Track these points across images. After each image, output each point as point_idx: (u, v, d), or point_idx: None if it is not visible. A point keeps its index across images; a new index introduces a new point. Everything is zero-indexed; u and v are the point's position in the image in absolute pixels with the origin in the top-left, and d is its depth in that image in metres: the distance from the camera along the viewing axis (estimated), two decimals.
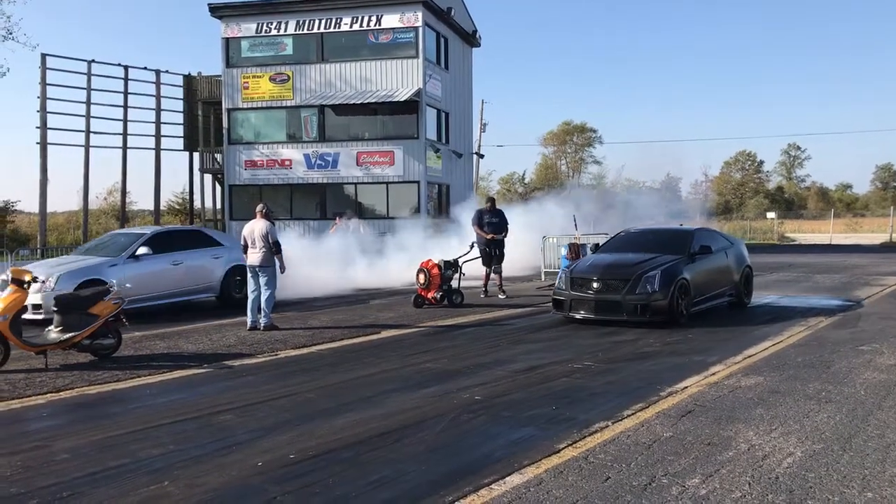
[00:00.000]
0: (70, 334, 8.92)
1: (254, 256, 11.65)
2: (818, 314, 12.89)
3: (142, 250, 11.92)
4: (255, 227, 11.66)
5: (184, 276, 13.58)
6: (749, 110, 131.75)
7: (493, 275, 15.96)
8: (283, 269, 11.78)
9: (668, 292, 11.49)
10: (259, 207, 11.99)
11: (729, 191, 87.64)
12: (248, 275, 11.84)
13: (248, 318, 11.80)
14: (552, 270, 19.73)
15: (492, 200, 16.62)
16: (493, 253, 15.82)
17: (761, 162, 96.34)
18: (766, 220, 52.96)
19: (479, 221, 15.88)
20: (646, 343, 10.27)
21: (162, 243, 13.71)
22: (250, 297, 11.80)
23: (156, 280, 11.60)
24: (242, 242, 11.85)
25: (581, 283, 12.06)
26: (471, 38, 40.35)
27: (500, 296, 15.63)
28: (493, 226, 15.87)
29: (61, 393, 7.70)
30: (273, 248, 11.53)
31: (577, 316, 12.01)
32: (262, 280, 11.64)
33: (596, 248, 14.10)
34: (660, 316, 11.51)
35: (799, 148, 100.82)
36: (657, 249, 12.64)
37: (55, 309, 9.03)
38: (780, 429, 6.06)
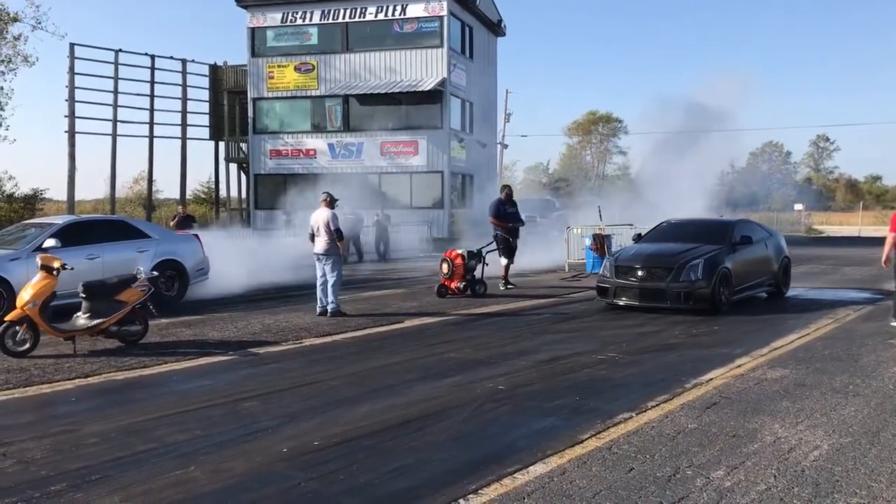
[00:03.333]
0: (98, 321, 9.03)
1: (318, 244, 11.94)
2: (846, 307, 12.74)
3: (49, 242, 10.46)
4: (318, 217, 11.94)
5: (100, 273, 11.69)
6: (776, 100, 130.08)
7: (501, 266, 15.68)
8: (344, 257, 12.08)
9: (710, 281, 11.79)
10: (323, 196, 12.22)
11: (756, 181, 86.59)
12: (315, 261, 12.10)
13: (318, 304, 12.11)
14: (576, 262, 19.67)
15: (508, 188, 16.31)
16: (513, 244, 15.65)
17: (788, 153, 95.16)
18: (793, 212, 52.37)
19: (500, 213, 15.60)
20: (670, 335, 10.21)
21: (76, 235, 12.38)
22: (318, 283, 12.11)
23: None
24: (309, 231, 12.15)
25: (626, 271, 12.40)
26: (496, 28, 40.19)
27: (501, 287, 15.36)
28: (513, 216, 15.76)
29: (89, 378, 7.80)
30: (335, 236, 11.78)
31: (620, 302, 12.36)
32: (327, 267, 11.91)
33: (638, 237, 14.32)
34: (703, 303, 11.79)
35: (828, 139, 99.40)
36: (699, 239, 12.94)
37: (83, 296, 9.13)
38: (807, 422, 6.01)
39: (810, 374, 7.72)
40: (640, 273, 12.24)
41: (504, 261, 15.56)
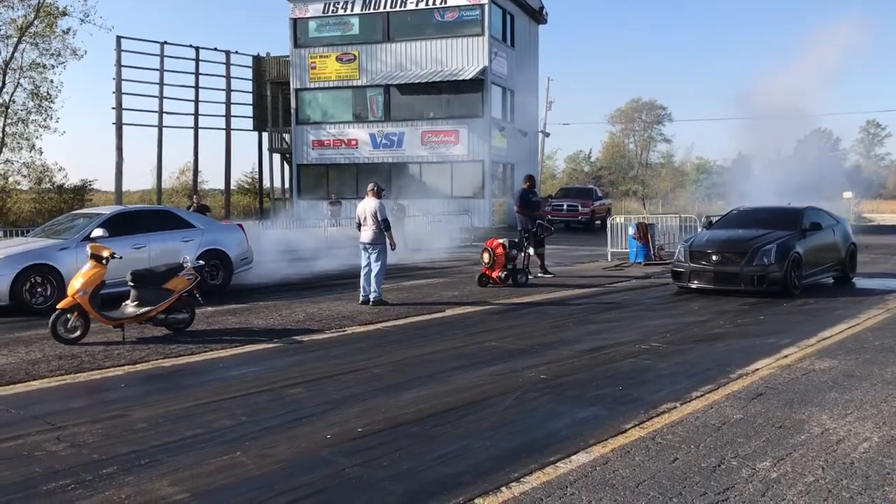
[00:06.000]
0: (146, 309, 9.20)
1: (365, 234, 12.05)
2: None
3: (97, 232, 10.53)
4: (366, 206, 12.03)
5: (146, 262, 11.84)
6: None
7: (532, 255, 15.58)
8: (392, 246, 12.15)
9: (783, 265, 12.27)
10: (370, 186, 12.30)
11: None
12: (362, 251, 12.22)
13: (361, 293, 12.20)
14: (618, 251, 19.50)
15: (531, 178, 16.42)
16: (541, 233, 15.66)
17: (837, 140, 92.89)
18: (841, 200, 51.19)
19: (528, 201, 15.67)
20: (715, 324, 10.09)
21: (123, 225, 12.61)
22: (362, 272, 12.19)
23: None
24: (356, 221, 12.28)
25: (700, 256, 12.88)
26: (537, 15, 39.93)
27: (540, 274, 15.49)
28: (537, 204, 16.10)
29: (138, 365, 7.96)
30: (382, 226, 11.86)
31: (693, 286, 12.85)
32: (373, 256, 12.00)
33: (709, 224, 14.78)
34: (775, 287, 12.31)
35: (878, 125, 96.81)
36: (769, 226, 13.37)
37: (132, 284, 9.31)
38: (856, 413, 5.90)
39: (860, 364, 7.57)
40: (714, 258, 12.71)
41: (531, 250, 15.39)
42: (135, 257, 11.97)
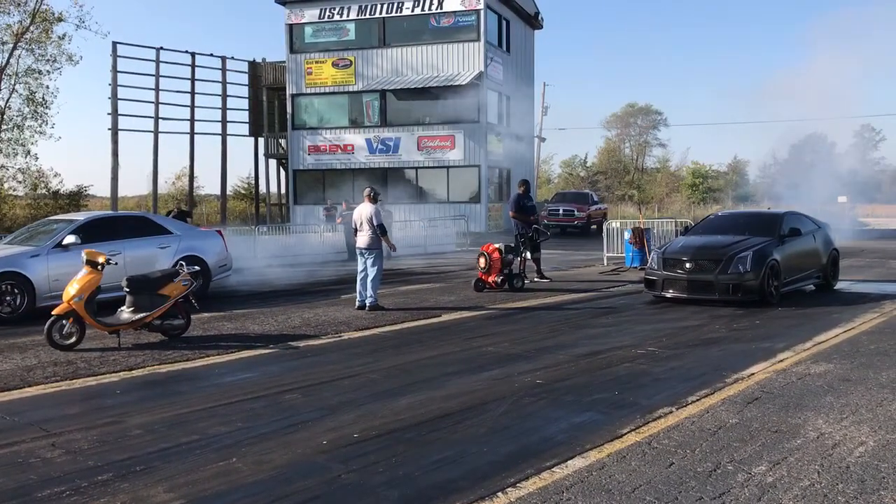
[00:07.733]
0: (141, 315, 9.19)
1: (361, 239, 12.09)
2: (893, 300, 12.47)
3: (69, 239, 10.34)
4: (362, 211, 12.05)
5: (122, 269, 11.24)
6: (818, 90, 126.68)
7: (529, 259, 15.59)
8: (392, 248, 12.29)
9: (759, 273, 11.79)
10: (367, 191, 12.31)
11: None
12: (358, 255, 12.25)
13: (357, 298, 12.21)
14: (615, 255, 19.52)
15: (526, 183, 16.45)
16: (535, 237, 15.67)
17: (832, 144, 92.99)
18: (836, 204, 51.20)
19: (521, 206, 15.71)
20: (711, 329, 10.10)
21: (98, 231, 12.32)
22: (358, 277, 12.19)
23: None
24: (353, 226, 12.31)
25: (673, 264, 12.45)
26: (533, 20, 40.00)
27: (536, 279, 15.51)
28: (531, 209, 16.03)
29: (133, 371, 7.95)
30: (378, 231, 11.87)
31: (668, 295, 12.40)
32: (369, 261, 12.02)
33: (685, 230, 14.45)
34: (751, 295, 11.83)
35: (873, 129, 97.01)
36: (747, 232, 13.00)
37: (127, 290, 9.29)
38: (852, 417, 5.91)
39: (855, 368, 7.58)
40: (688, 265, 12.27)
41: (528, 255, 15.40)
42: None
